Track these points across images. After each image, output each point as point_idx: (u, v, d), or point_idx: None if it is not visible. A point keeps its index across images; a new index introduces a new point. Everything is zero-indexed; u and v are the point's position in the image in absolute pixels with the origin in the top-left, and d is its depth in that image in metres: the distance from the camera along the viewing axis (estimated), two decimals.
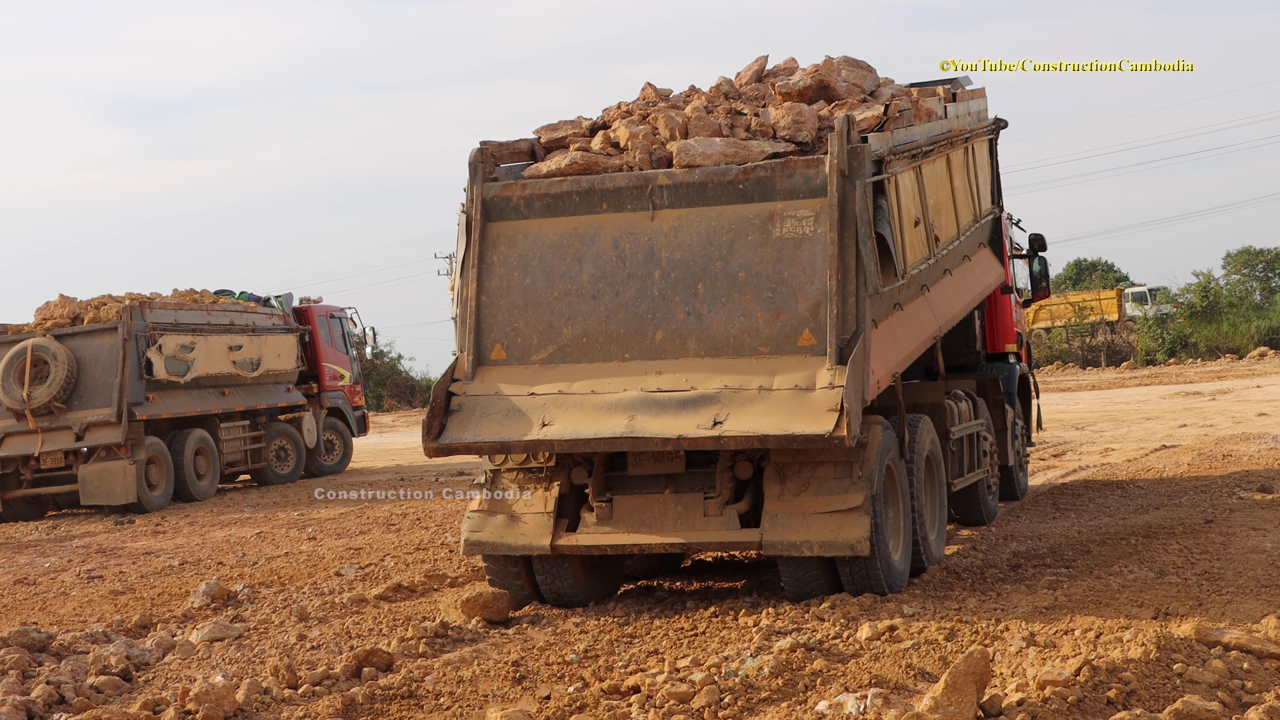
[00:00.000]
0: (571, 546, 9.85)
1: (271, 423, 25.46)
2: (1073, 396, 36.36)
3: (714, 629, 9.15)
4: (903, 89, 12.07)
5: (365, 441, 33.60)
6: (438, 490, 21.15)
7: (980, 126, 13.38)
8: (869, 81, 11.79)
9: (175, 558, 15.26)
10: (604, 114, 11.14)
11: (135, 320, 21.72)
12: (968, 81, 13.78)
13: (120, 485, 21.31)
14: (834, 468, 9.44)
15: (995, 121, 14.10)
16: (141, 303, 22.18)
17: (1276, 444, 18.99)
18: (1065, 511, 13.93)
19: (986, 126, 13.73)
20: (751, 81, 11.93)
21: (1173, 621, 8.18)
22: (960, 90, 13.03)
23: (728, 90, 11.38)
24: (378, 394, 59.60)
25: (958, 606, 9.18)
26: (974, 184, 13.05)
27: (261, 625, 10.29)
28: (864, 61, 12.00)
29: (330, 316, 27.72)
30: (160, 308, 22.59)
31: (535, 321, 9.83)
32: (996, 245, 14.26)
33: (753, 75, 12.02)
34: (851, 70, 11.73)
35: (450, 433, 9.63)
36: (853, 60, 11.91)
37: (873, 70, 12.01)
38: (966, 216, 12.60)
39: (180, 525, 19.18)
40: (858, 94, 11.30)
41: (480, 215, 10.01)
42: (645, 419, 9.24)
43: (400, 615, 10.46)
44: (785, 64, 12.46)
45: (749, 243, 9.48)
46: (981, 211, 13.41)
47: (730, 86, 11.51)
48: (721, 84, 11.49)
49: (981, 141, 13.53)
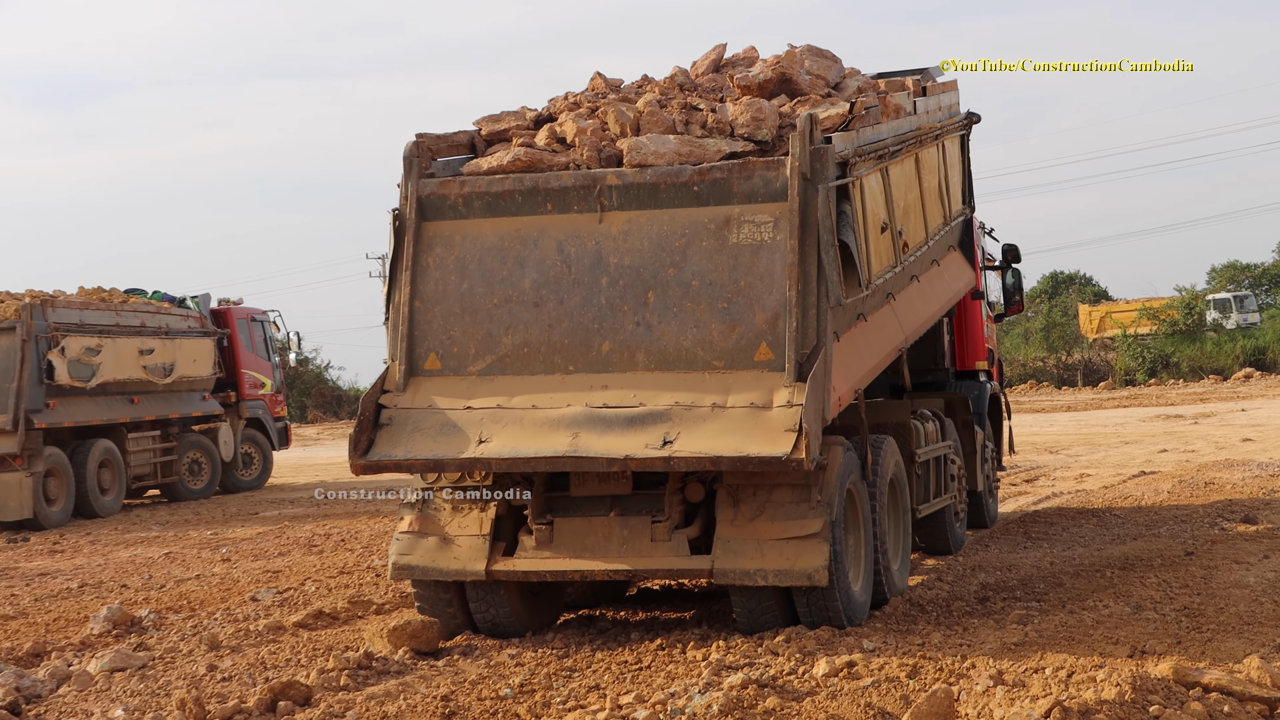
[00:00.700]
0: (508, 572, 9.82)
1: (184, 434, 25.27)
2: (1047, 418, 36.64)
3: (660, 663, 9.15)
4: (869, 81, 12.11)
5: (287, 455, 33.37)
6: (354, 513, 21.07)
7: (952, 122, 13.40)
8: (833, 73, 11.82)
9: (74, 579, 15.11)
10: (550, 105, 11.12)
11: (36, 320, 21.48)
12: (938, 73, 13.78)
13: (15, 499, 21.07)
14: (791, 491, 9.46)
15: (967, 116, 14.11)
16: (43, 301, 21.96)
17: (1262, 471, 19.20)
18: (1037, 541, 14.03)
19: (958, 122, 13.75)
20: (708, 72, 11.94)
21: (1149, 660, 8.25)
22: (930, 83, 13.03)
23: (683, 82, 11.40)
24: (302, 404, 59.26)
25: (921, 641, 9.22)
26: (944, 184, 13.09)
27: (168, 654, 10.20)
28: (828, 51, 12.03)
29: (251, 320, 27.56)
30: (64, 307, 22.37)
31: (473, 330, 9.81)
32: (967, 248, 14.32)
33: (710, 65, 12.03)
34: (815, 60, 11.75)
35: (379, 449, 9.59)
36: (816, 50, 11.94)
37: (837, 60, 12.05)
38: (936, 219, 12.65)
39: (81, 544, 18.99)
40: (821, 87, 11.33)
41: (415, 214, 9.97)
42: (590, 437, 9.23)
43: (321, 644, 10.40)
44: (745, 53, 12.47)
45: (703, 249, 9.48)
46: (952, 213, 13.46)
47: (686, 78, 11.52)
48: (676, 75, 11.50)
49: (953, 138, 13.56)
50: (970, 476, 14.31)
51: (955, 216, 13.66)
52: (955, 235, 13.79)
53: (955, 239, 13.81)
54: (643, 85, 11.52)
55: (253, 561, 15.79)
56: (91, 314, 22.95)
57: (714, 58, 12.15)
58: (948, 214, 13.22)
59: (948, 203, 13.21)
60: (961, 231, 14.11)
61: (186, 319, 25.16)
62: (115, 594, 13.79)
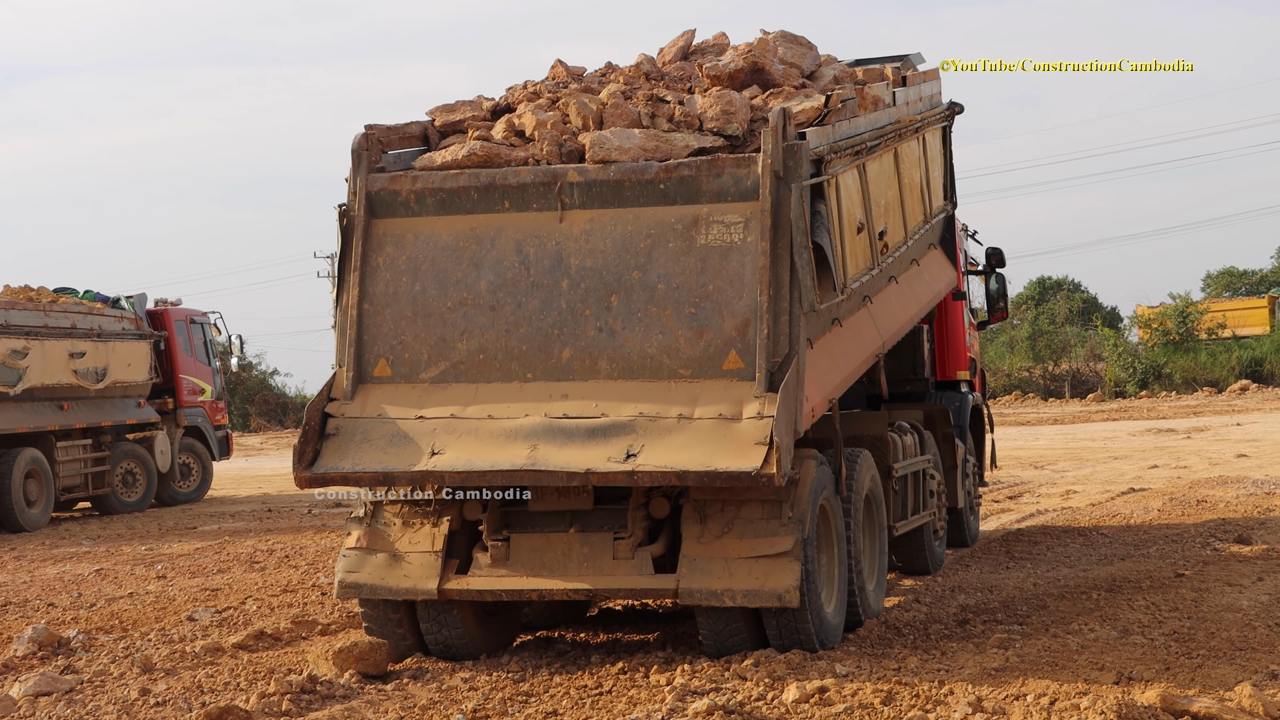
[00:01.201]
0: (462, 591, 9.81)
1: (118, 442, 25.16)
2: (1032, 431, 36.83)
3: (621, 687, 9.16)
4: (846, 70, 12.11)
5: (228, 466, 33.29)
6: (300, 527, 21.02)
7: (933, 113, 13.35)
8: (808, 60, 11.84)
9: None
10: (508, 94, 11.10)
11: None
12: (919, 59, 13.71)
13: None
14: (761, 507, 9.48)
15: (949, 106, 14.06)
16: None
17: (1257, 489, 19.35)
18: (1020, 561, 14.10)
19: (940, 113, 13.69)
20: (676, 60, 11.94)
21: (1136, 687, 8.30)
22: (911, 72, 12.99)
23: (649, 70, 11.36)
24: (244, 411, 59.14)
25: (897, 666, 9.25)
26: (925, 179, 13.07)
27: (98, 677, 10.15)
28: (803, 37, 12.06)
29: (190, 322, 27.48)
30: None
31: (425, 334, 9.79)
32: (948, 245, 14.30)
33: (678, 53, 12.03)
34: (789, 48, 11.76)
35: (325, 460, 9.56)
36: (790, 36, 11.96)
37: (813, 47, 12.07)
38: (916, 217, 12.64)
39: (4, 560, 18.88)
40: (795, 77, 11.34)
41: (364, 211, 9.95)
42: (549, 449, 9.23)
43: (262, 667, 10.37)
44: (715, 40, 12.47)
45: (670, 250, 9.49)
46: (933, 210, 13.45)
47: (652, 66, 11.49)
48: (642, 63, 11.47)
49: (934, 130, 13.52)
50: (950, 493, 14.36)
51: (936, 213, 13.66)
52: (936, 233, 13.78)
53: (936, 236, 13.80)
54: (606, 74, 11.50)
55: (190, 579, 15.73)
56: (18, 314, 22.83)
57: (682, 45, 12.14)
58: (928, 211, 13.22)
59: (928, 199, 13.21)
60: (943, 228, 14.09)
61: (121, 320, 25.05)
62: (41, 613, 13.71)
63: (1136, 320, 58.47)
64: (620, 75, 11.30)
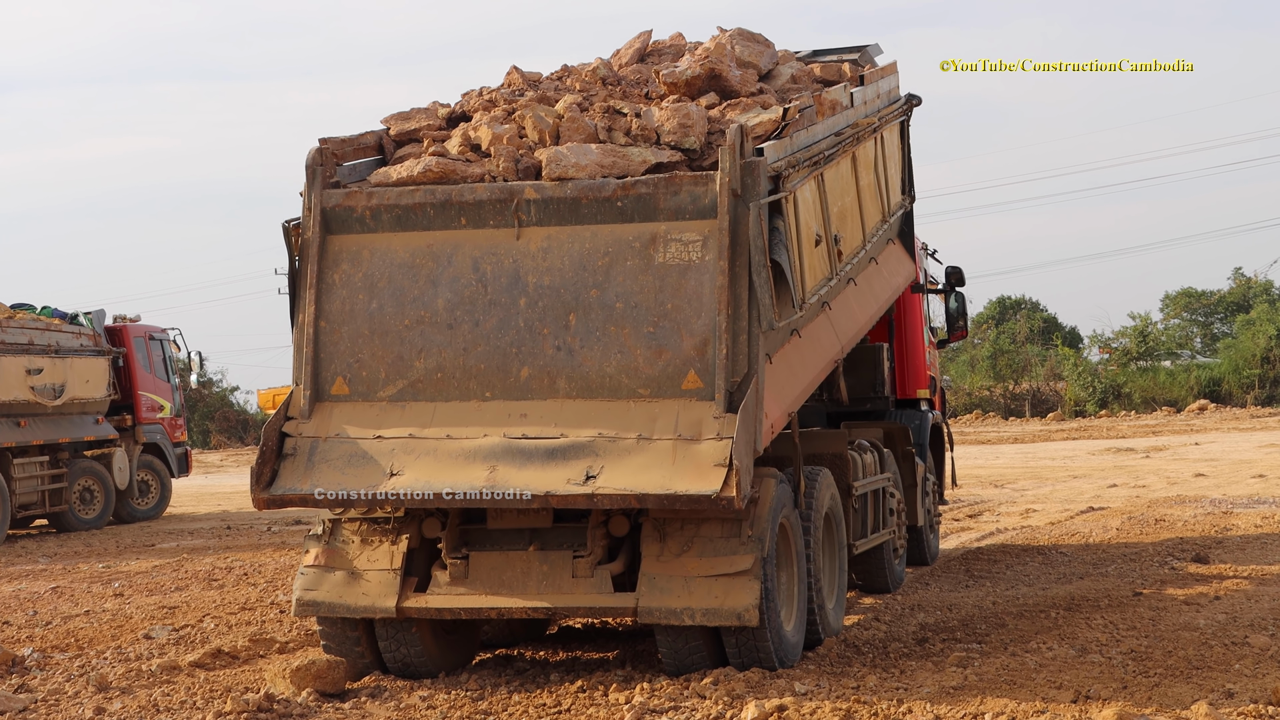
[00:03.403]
0: (420, 609, 9.78)
1: (76, 459, 25.00)
2: (992, 450, 36.94)
3: (581, 706, 9.14)
4: (803, 69, 12.08)
5: (187, 483, 33.11)
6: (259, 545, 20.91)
7: (890, 110, 13.18)
8: (765, 58, 11.84)
9: None
10: (463, 100, 11.05)
11: None
12: (877, 51, 13.55)
13: None
14: (720, 526, 9.47)
15: (907, 100, 13.85)
16: None
17: (1215, 508, 19.47)
18: (980, 579, 14.14)
19: (898, 108, 13.52)
20: (633, 62, 11.92)
21: (1094, 706, 8.34)
22: (868, 68, 12.81)
23: (605, 75, 11.32)
24: (204, 429, 58.82)
25: (856, 685, 9.26)
26: (883, 178, 12.91)
27: (52, 696, 10.08)
28: (759, 35, 12.09)
29: (149, 338, 27.34)
30: None
31: (383, 352, 9.76)
32: (907, 238, 14.23)
33: (634, 55, 12.02)
34: (746, 46, 11.76)
35: (283, 481, 9.52)
36: (747, 34, 11.97)
37: (770, 44, 12.09)
38: (874, 218, 12.55)
39: None
40: (752, 82, 11.29)
41: (319, 227, 9.90)
42: (508, 470, 9.21)
43: (219, 686, 10.31)
44: (672, 40, 12.45)
45: (628, 269, 9.48)
46: (891, 208, 13.32)
47: (609, 70, 11.44)
48: (598, 67, 11.41)
49: (892, 127, 13.35)
50: (910, 511, 14.39)
51: (894, 211, 13.53)
52: (894, 229, 13.64)
53: (894, 232, 13.67)
54: (562, 79, 11.42)
55: (147, 596, 15.63)
56: None
57: (639, 46, 12.13)
58: (886, 210, 13.09)
59: (886, 198, 13.07)
60: (901, 223, 13.94)
61: (79, 336, 24.90)
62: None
63: (1095, 340, 58.82)
64: (577, 81, 11.23)
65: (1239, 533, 16.74)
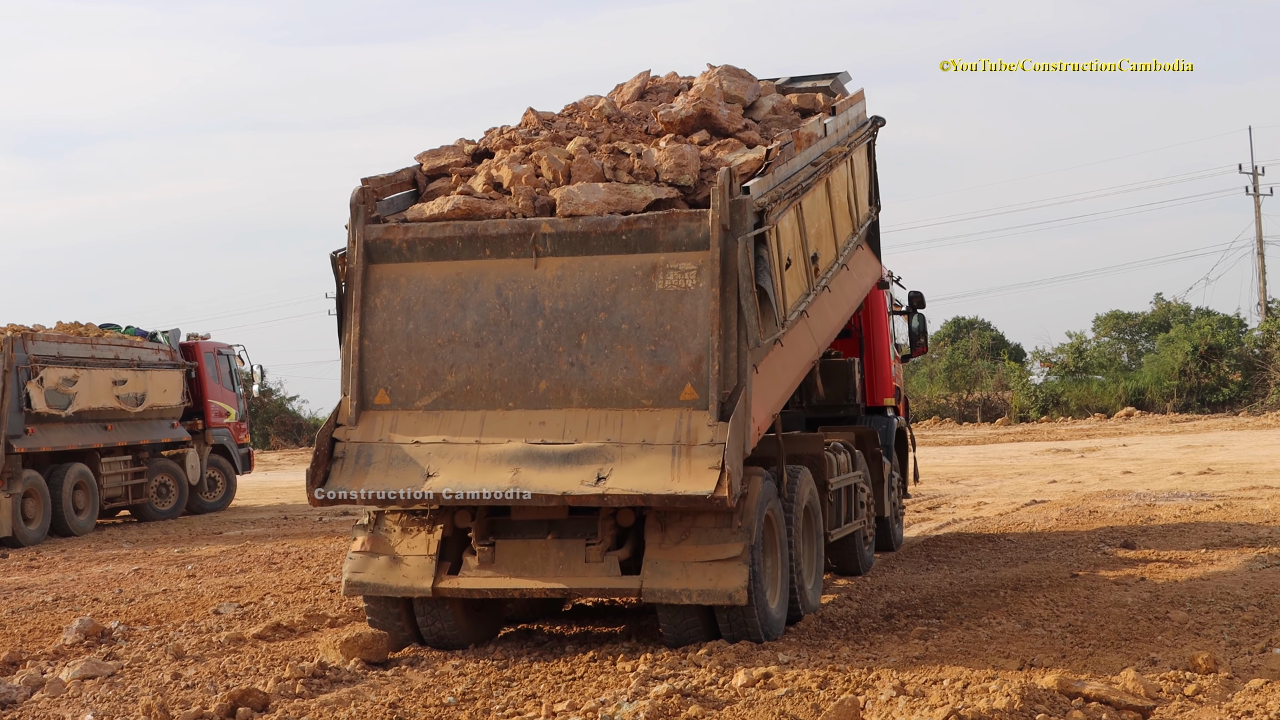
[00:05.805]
0: (453, 589, 9.77)
1: (154, 458, 25.00)
2: (949, 451, 36.89)
3: (592, 673, 9.13)
4: (782, 100, 12.07)
5: (250, 479, 33.09)
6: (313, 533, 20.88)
7: (859, 134, 13.09)
8: (750, 91, 11.85)
9: (49, 593, 14.88)
10: (486, 137, 11.07)
11: (16, 352, 21.23)
12: (846, 79, 13.47)
13: None
14: (714, 517, 9.47)
15: (873, 121, 13.75)
16: (24, 334, 21.69)
17: (1140, 501, 19.43)
18: (938, 563, 14.12)
19: (865, 131, 13.44)
20: (634, 99, 11.95)
21: (1037, 673, 8.32)
22: (840, 98, 12.75)
23: (610, 113, 11.37)
24: (264, 432, 58.75)
25: (831, 655, 9.25)
26: (853, 195, 12.82)
27: (135, 663, 10.07)
28: (744, 70, 12.14)
29: (218, 353, 27.32)
30: (43, 340, 22.10)
31: (419, 367, 9.76)
32: (874, 241, 14.12)
33: (635, 93, 12.04)
34: (732, 80, 11.79)
35: (334, 482, 9.52)
36: (733, 70, 12.01)
37: (753, 79, 12.13)
38: (845, 232, 12.48)
39: (56, 560, 18.72)
40: (739, 118, 11.29)
41: (362, 258, 9.92)
42: (529, 473, 9.21)
43: (278, 655, 10.30)
44: (668, 79, 12.49)
45: (632, 294, 9.48)
46: (860, 220, 13.24)
47: (613, 109, 11.48)
48: (604, 106, 11.46)
49: (860, 148, 13.25)
50: (878, 504, 14.36)
51: (863, 222, 13.46)
52: (863, 236, 13.52)
53: (863, 238, 13.54)
54: (573, 116, 11.45)
55: (216, 578, 15.62)
56: (69, 347, 22.69)
57: (639, 85, 12.16)
58: (856, 223, 13.01)
59: (856, 213, 12.99)
60: (868, 230, 13.82)
61: (157, 352, 24.91)
62: (87, 607, 13.59)
63: (1038, 355, 58.74)
64: (585, 119, 11.26)
65: (1161, 522, 16.71)
